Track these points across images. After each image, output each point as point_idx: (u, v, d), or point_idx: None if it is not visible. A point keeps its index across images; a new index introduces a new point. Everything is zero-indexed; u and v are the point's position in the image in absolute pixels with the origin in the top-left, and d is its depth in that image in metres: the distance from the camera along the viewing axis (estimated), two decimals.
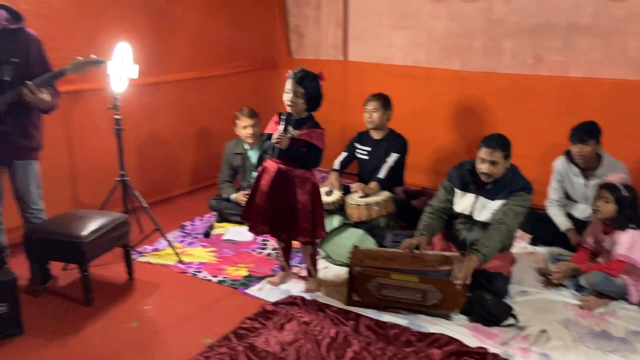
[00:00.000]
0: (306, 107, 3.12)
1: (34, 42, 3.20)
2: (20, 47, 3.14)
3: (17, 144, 3.22)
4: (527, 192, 3.27)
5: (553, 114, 4.52)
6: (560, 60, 4.50)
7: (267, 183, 3.18)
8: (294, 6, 5.95)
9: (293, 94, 3.07)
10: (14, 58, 3.09)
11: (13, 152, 3.25)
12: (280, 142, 3.05)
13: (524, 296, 3.32)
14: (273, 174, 3.16)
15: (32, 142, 3.28)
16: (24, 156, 3.29)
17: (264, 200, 3.19)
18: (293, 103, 3.08)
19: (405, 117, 4.90)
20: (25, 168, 3.31)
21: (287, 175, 3.15)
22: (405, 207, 4.11)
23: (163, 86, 4.85)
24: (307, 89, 3.07)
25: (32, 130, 3.27)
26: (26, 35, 3.19)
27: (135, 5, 4.49)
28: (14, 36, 3.12)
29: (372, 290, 3.14)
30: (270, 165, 3.21)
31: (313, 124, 3.17)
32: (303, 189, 3.16)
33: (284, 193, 3.17)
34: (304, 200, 3.15)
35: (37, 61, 3.19)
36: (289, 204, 3.17)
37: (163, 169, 5.02)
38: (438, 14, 5.02)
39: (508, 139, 3.30)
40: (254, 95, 5.58)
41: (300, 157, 3.14)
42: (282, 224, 3.23)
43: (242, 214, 3.36)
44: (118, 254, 3.57)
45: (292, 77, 3.08)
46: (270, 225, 3.26)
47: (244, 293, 3.39)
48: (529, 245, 4.05)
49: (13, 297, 2.90)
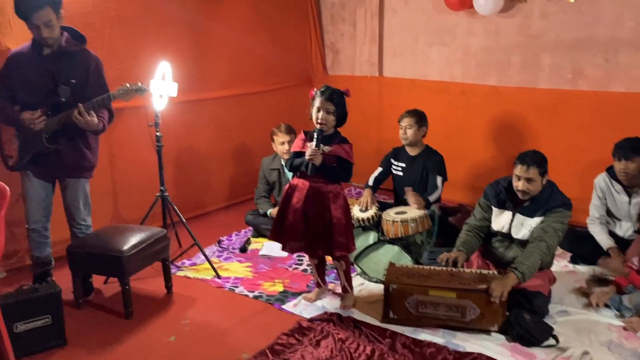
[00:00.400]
0: (334, 123, 3.18)
1: (93, 64, 3.31)
2: (80, 69, 3.25)
3: (69, 162, 3.33)
4: (566, 209, 3.21)
5: (593, 129, 4.43)
6: (600, 75, 4.42)
7: (300, 200, 3.19)
8: (330, 23, 6.01)
9: (325, 111, 3.11)
10: (72, 79, 3.21)
11: (65, 170, 3.37)
12: (314, 159, 3.08)
13: (564, 316, 3.25)
14: (305, 191, 3.19)
15: (83, 161, 3.39)
16: (75, 174, 3.40)
17: (298, 217, 3.21)
18: (325, 120, 3.12)
19: (442, 133, 4.88)
20: (75, 186, 3.42)
21: (320, 191, 3.18)
22: (442, 223, 4.07)
23: (202, 103, 4.95)
24: (337, 106, 3.13)
25: (85, 149, 3.37)
26: (87, 57, 3.30)
27: (175, 25, 4.61)
28: (75, 58, 3.24)
29: (409, 307, 3.12)
30: (300, 182, 3.23)
31: (341, 139, 3.23)
32: (336, 204, 3.19)
33: (317, 209, 3.18)
34: (337, 214, 3.18)
35: (95, 83, 3.30)
36: (323, 220, 3.18)
37: (201, 184, 5.11)
38: (474, 30, 5.00)
39: (544, 155, 3.25)
40: (290, 112, 5.64)
41: (333, 172, 3.18)
42: (317, 240, 3.24)
43: (272, 233, 3.35)
44: (157, 268, 3.64)
45: (321, 95, 3.13)
46: (304, 242, 3.27)
47: (279, 309, 3.40)
48: (570, 263, 3.96)
49: (57, 309, 2.98)
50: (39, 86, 3.21)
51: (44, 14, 3.06)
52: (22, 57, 3.24)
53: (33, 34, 3.15)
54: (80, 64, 3.25)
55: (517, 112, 4.86)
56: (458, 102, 5.17)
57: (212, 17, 4.90)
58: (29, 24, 3.09)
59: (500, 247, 3.41)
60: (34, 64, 3.21)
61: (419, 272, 3.25)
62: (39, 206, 3.40)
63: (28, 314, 2.90)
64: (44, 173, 3.37)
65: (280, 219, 3.30)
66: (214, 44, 4.98)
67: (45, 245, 3.50)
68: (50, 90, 3.21)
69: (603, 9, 4.30)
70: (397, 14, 5.47)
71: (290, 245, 3.31)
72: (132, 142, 4.39)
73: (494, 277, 3.09)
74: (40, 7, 3.04)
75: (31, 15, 3.04)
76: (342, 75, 5.99)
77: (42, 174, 3.37)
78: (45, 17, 3.07)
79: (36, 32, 3.10)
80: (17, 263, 3.86)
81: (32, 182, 3.36)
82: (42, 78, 3.21)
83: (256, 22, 5.35)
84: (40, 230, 3.44)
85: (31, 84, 3.22)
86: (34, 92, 3.22)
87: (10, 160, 3.35)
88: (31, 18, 3.05)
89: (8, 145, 3.35)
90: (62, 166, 3.34)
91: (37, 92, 3.22)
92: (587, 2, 4.36)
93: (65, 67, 3.20)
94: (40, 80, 3.21)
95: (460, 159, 5.00)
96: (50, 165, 3.33)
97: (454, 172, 4.53)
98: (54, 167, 3.35)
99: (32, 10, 3.03)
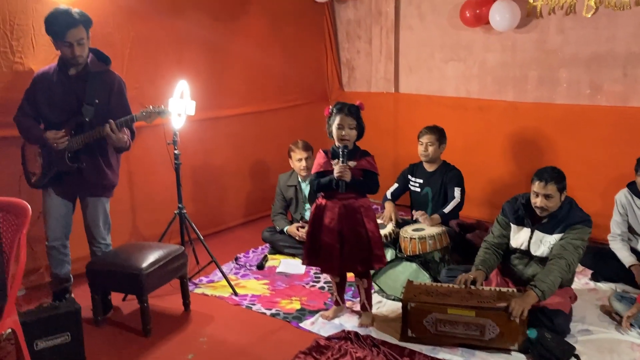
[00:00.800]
0: (355, 137, 3.21)
1: (117, 85, 3.37)
2: (104, 90, 3.31)
3: (90, 180, 3.38)
4: (586, 225, 3.17)
5: (613, 145, 4.39)
6: (619, 90, 4.38)
7: (333, 220, 3.19)
8: (345, 40, 6.05)
9: (347, 127, 3.13)
10: (96, 99, 3.26)
11: (86, 189, 3.42)
12: (344, 175, 3.09)
13: (586, 335, 3.19)
14: (337, 209, 3.18)
15: (104, 180, 3.43)
16: (96, 193, 3.45)
17: (334, 237, 3.19)
18: (348, 135, 3.14)
19: (459, 149, 4.86)
20: (95, 205, 3.46)
21: (352, 207, 3.18)
22: (460, 240, 4.05)
23: (219, 121, 5.00)
24: (358, 120, 3.16)
25: (106, 168, 3.42)
26: (111, 78, 3.36)
27: (193, 44, 4.67)
28: (99, 78, 3.30)
29: (427, 325, 3.09)
30: (330, 202, 3.22)
31: (362, 152, 3.25)
32: (369, 217, 3.21)
33: (351, 225, 3.18)
34: (372, 227, 3.20)
35: (117, 104, 3.36)
36: (358, 235, 3.18)
37: (218, 201, 5.14)
38: (490, 45, 5.00)
39: (562, 171, 3.22)
40: (307, 128, 5.67)
41: (363, 185, 3.20)
42: (355, 257, 3.22)
43: (307, 258, 3.32)
44: (175, 285, 3.65)
45: (340, 112, 3.16)
46: (342, 261, 3.24)
47: (297, 327, 3.39)
48: (591, 281, 3.90)
49: (77, 327, 3.00)
50: (63, 105, 3.27)
51: (78, 32, 3.14)
52: (48, 77, 3.30)
53: (63, 53, 3.21)
54: (104, 85, 3.31)
55: (535, 128, 4.83)
56: (475, 118, 5.15)
57: (229, 36, 4.97)
58: (62, 41, 3.15)
59: (519, 264, 3.37)
60: (60, 84, 3.27)
61: (438, 290, 3.23)
62: (59, 224, 3.44)
63: (48, 332, 2.92)
64: (65, 191, 3.42)
65: (313, 242, 3.28)
66: (231, 62, 5.04)
67: (65, 262, 3.53)
68: (74, 110, 3.26)
69: (620, 24, 4.27)
70: (413, 31, 5.50)
71: (328, 266, 3.30)
72: (151, 160, 4.43)
73: (513, 295, 3.05)
74: (74, 25, 3.12)
75: (66, 32, 3.11)
76: (359, 91, 6.02)
77: (63, 191, 3.42)
78: (78, 35, 3.15)
79: (68, 50, 3.16)
80: (37, 280, 3.89)
81: (52, 199, 3.41)
82: (67, 97, 3.27)
83: (273, 40, 5.40)
84: (60, 248, 3.48)
85: (56, 103, 3.28)
86: (58, 111, 3.28)
87: (33, 177, 3.40)
88: (66, 36, 3.12)
89: (32, 163, 3.41)
90: (84, 185, 3.38)
91: (61, 111, 3.27)
92: (604, 17, 4.34)
93: (90, 88, 3.26)
94: (65, 99, 3.27)
95: (477, 175, 4.98)
96: (71, 183, 3.37)
97: (472, 188, 4.51)
98: (75, 186, 3.39)
99: (67, 28, 3.11)
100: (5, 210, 2.68)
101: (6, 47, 3.57)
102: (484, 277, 3.27)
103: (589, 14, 4.38)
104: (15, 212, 2.69)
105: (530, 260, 3.32)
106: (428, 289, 3.26)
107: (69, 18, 3.11)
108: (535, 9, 4.64)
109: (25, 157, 3.44)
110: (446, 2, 5.19)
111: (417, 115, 5.40)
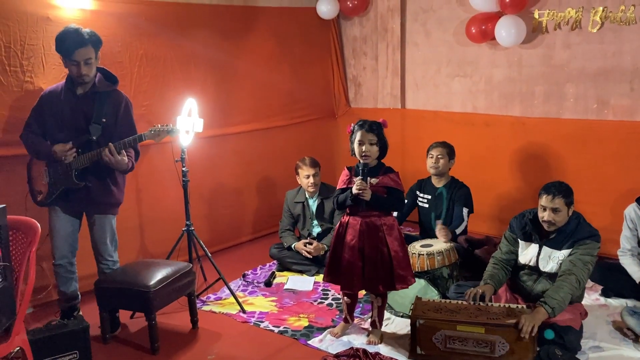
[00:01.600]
0: (378, 154, 3.19)
1: (124, 104, 3.40)
2: (111, 109, 3.34)
3: (96, 198, 3.40)
4: (595, 240, 3.15)
5: (621, 159, 4.37)
6: (626, 104, 4.38)
7: (355, 237, 3.17)
8: (352, 57, 6.08)
9: (368, 143, 3.13)
10: (103, 118, 3.29)
11: (92, 206, 3.43)
12: (364, 194, 3.07)
13: (597, 352, 3.15)
14: (358, 227, 3.17)
15: (110, 198, 3.45)
16: (103, 211, 3.46)
17: (355, 255, 3.18)
18: (369, 152, 3.13)
19: (466, 165, 4.85)
20: (102, 222, 3.47)
21: (374, 225, 3.16)
22: (469, 256, 4.02)
23: (227, 138, 5.02)
24: (379, 137, 3.15)
25: (112, 186, 3.44)
26: (118, 98, 3.39)
27: (200, 62, 4.71)
28: (107, 98, 3.33)
29: (436, 342, 3.06)
30: (352, 219, 3.21)
31: (386, 169, 3.23)
32: (392, 236, 3.17)
33: (373, 243, 3.16)
34: (394, 247, 3.16)
35: (124, 123, 3.39)
36: (380, 254, 3.15)
37: (226, 218, 5.14)
38: (496, 61, 5.01)
39: (569, 185, 3.21)
40: (314, 145, 5.69)
41: (385, 203, 3.17)
42: (376, 276, 3.19)
43: (328, 275, 3.31)
44: (183, 302, 3.65)
45: (361, 128, 3.16)
46: (363, 279, 3.22)
47: (305, 344, 3.37)
48: (601, 296, 3.87)
49: (85, 345, 3.01)
50: (70, 124, 3.30)
51: (86, 51, 3.18)
52: (56, 96, 3.34)
53: (70, 71, 3.25)
54: (111, 104, 3.34)
55: (542, 143, 4.82)
56: (482, 133, 5.15)
57: (236, 54, 5.01)
58: (70, 60, 3.18)
59: (528, 280, 3.35)
60: (67, 103, 3.30)
61: (446, 307, 3.20)
62: (66, 242, 3.45)
63: (56, 350, 2.93)
64: (71, 208, 3.44)
65: (334, 259, 3.26)
66: (238, 79, 5.07)
67: (72, 280, 3.54)
68: (81, 129, 3.29)
69: (626, 39, 4.28)
70: (419, 47, 5.52)
71: (349, 284, 3.27)
72: (159, 178, 4.45)
73: (522, 312, 3.03)
74: (83, 44, 3.16)
75: (74, 51, 3.15)
76: (365, 108, 6.03)
77: (69, 209, 3.43)
78: (86, 55, 3.19)
79: (75, 69, 3.20)
80: (45, 298, 3.90)
81: (59, 217, 3.42)
82: (74, 116, 3.30)
83: (279, 57, 5.44)
84: (67, 266, 3.48)
85: (64, 122, 3.31)
86: (66, 129, 3.31)
87: (39, 195, 3.42)
88: (73, 54, 3.16)
89: (38, 181, 3.42)
90: (91, 202, 3.40)
91: (68, 130, 3.30)
92: (609, 32, 4.35)
93: (97, 107, 3.29)
94: (72, 118, 3.30)
95: (485, 191, 4.96)
96: (78, 201, 3.39)
97: (480, 204, 4.50)
98: (82, 203, 3.41)
99: (76, 47, 3.15)
100: (15, 229, 2.69)
101: (17, 67, 3.61)
102: (492, 291, 3.24)
103: (595, 29, 4.40)
104: (24, 230, 2.70)
105: (540, 276, 3.30)
106: (437, 305, 3.23)
107: (78, 37, 3.15)
108: (541, 25, 4.66)
109: (31, 176, 3.46)
110: (452, 19, 5.22)
111: (423, 131, 5.41)
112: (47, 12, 3.70)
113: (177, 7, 4.51)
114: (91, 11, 3.93)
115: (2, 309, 2.47)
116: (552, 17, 4.60)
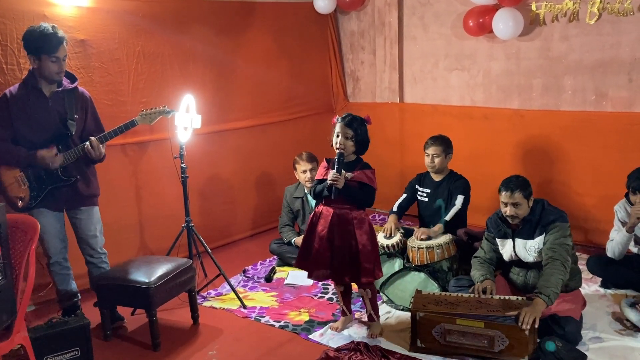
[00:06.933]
0: (355, 149, 3.20)
1: (90, 100, 3.46)
2: (81, 105, 3.39)
3: (81, 191, 3.42)
4: (562, 221, 3.21)
5: (620, 151, 4.36)
6: (624, 95, 4.38)
7: (325, 228, 3.20)
8: (350, 52, 6.07)
9: (343, 137, 3.14)
10: (76, 114, 3.34)
11: (77, 200, 3.44)
12: (337, 182, 3.09)
13: (598, 343, 3.16)
14: (330, 218, 3.19)
15: (92, 189, 3.49)
16: (88, 202, 3.48)
17: (323, 245, 3.21)
18: (343, 145, 3.15)
19: (465, 158, 4.85)
20: (89, 214, 3.49)
21: (345, 218, 3.18)
22: (468, 249, 4.02)
23: (225, 134, 5.02)
24: (356, 132, 3.16)
25: (91, 177, 3.49)
26: (84, 94, 3.44)
27: (198, 58, 4.71)
28: (73, 94, 3.36)
29: (436, 336, 3.07)
30: (325, 210, 3.24)
31: (363, 165, 3.25)
32: (361, 230, 3.19)
33: (343, 236, 3.19)
34: (363, 240, 3.18)
35: (92, 117, 3.46)
36: (349, 246, 3.18)
37: (225, 214, 5.14)
38: (494, 54, 5.01)
39: (526, 178, 3.29)
40: (312, 140, 5.68)
41: (356, 196, 3.18)
42: (343, 267, 3.23)
43: (298, 261, 3.37)
44: (183, 298, 3.65)
45: (341, 121, 3.17)
46: (331, 269, 3.27)
47: (306, 338, 3.38)
48: (600, 287, 3.87)
49: (86, 342, 3.01)
50: (46, 125, 3.27)
51: (65, 48, 3.23)
52: (22, 99, 3.26)
53: (49, 69, 3.19)
54: (79, 100, 3.38)
55: (541, 135, 4.82)
56: (481, 127, 5.15)
57: (233, 50, 5.00)
58: (52, 57, 3.17)
59: (519, 274, 3.39)
60: (40, 104, 3.27)
61: (446, 300, 3.21)
62: (57, 238, 3.44)
63: (57, 347, 2.94)
64: (56, 205, 3.40)
65: (306, 246, 3.30)
66: (236, 75, 5.07)
67: (69, 277, 3.54)
68: (58, 128, 3.29)
69: (624, 30, 4.27)
70: (417, 41, 5.52)
71: (316, 273, 3.30)
72: (158, 174, 4.46)
73: (522, 304, 3.04)
74: (62, 41, 3.21)
75: (58, 48, 3.18)
76: (363, 102, 6.03)
77: (54, 206, 3.39)
78: (65, 52, 3.24)
79: (56, 66, 3.21)
80: (47, 296, 3.91)
81: (46, 216, 3.36)
82: (49, 117, 3.28)
83: (277, 53, 5.43)
84: (62, 262, 3.48)
85: (38, 124, 3.27)
86: (41, 131, 3.27)
87: (19, 201, 3.29)
88: (57, 51, 3.18)
89: (13, 188, 3.29)
90: (76, 196, 3.41)
91: (43, 131, 3.27)
92: (607, 23, 4.34)
93: (68, 104, 3.32)
94: (48, 119, 3.27)
95: (484, 184, 4.95)
96: (64, 197, 3.37)
97: (479, 197, 4.50)
98: (66, 198, 3.39)
99: (59, 43, 3.18)
100: (14, 227, 2.69)
101: (14, 65, 3.62)
102: (493, 286, 3.26)
103: (592, 20, 4.39)
104: (24, 228, 2.71)
105: (528, 270, 3.34)
106: (437, 298, 3.25)
107: (58, 34, 3.18)
108: (538, 17, 4.65)
109: (3, 184, 3.30)
110: (449, 12, 5.21)
111: (422, 124, 5.40)
112: (44, 9, 3.71)
113: (174, 4, 4.50)
114: (87, 8, 3.93)
115: (2, 307, 2.48)
116: (549, 9, 4.59)
